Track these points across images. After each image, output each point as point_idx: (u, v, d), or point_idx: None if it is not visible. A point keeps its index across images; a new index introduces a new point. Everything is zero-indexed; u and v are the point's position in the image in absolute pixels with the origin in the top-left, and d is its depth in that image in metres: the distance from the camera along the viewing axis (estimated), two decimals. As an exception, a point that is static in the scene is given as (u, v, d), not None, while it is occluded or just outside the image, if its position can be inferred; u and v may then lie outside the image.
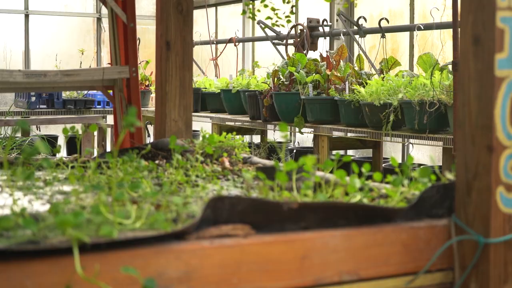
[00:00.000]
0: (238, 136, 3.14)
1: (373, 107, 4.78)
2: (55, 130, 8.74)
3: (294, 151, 6.27)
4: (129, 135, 3.18)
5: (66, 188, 2.12)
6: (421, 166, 4.81)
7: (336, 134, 5.34)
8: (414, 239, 1.64)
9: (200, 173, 2.53)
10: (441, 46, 5.46)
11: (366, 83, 5.18)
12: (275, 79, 5.84)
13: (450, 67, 4.78)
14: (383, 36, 5.49)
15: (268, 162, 2.85)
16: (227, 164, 2.74)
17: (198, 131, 9.05)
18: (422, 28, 5.29)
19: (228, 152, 3.04)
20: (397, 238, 1.62)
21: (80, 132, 2.46)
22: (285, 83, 5.77)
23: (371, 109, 4.83)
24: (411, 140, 4.68)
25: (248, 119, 6.24)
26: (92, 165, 2.17)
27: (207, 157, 2.81)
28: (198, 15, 8.67)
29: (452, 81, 3.88)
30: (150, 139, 7.85)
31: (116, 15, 3.10)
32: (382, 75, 5.22)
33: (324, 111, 5.40)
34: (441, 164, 5.65)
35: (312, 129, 5.52)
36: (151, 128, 8.65)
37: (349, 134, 5.26)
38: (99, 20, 8.82)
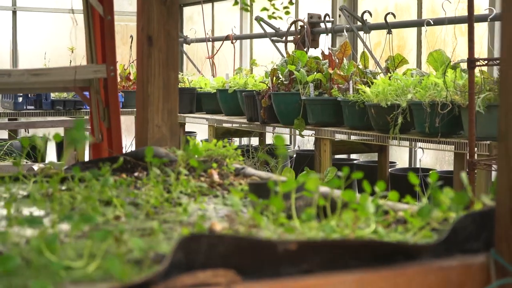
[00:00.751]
0: (235, 140, 2.78)
1: (380, 109, 4.43)
2: (46, 132, 8.37)
3: (294, 155, 5.91)
4: (106, 142, 2.83)
5: (25, 208, 1.77)
6: (431, 171, 4.47)
7: (339, 137, 4.98)
8: (445, 282, 1.29)
9: (184, 188, 2.17)
10: (452, 43, 5.10)
11: (372, 83, 4.82)
12: (274, 78, 5.49)
13: (462, 65, 4.42)
14: (389, 32, 5.13)
15: (264, 175, 2.50)
16: (215, 177, 2.39)
17: (195, 132, 8.69)
18: (432, 23, 4.93)
19: (218, 162, 2.68)
20: (423, 282, 1.27)
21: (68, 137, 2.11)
22: (285, 82, 5.42)
23: (377, 110, 4.47)
24: (421, 144, 4.32)
25: (245, 121, 5.88)
26: (53, 181, 1.82)
27: (193, 169, 2.45)
28: (194, 11, 8.31)
29: (468, 80, 3.52)
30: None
31: (92, 7, 2.75)
32: (389, 74, 4.86)
33: (326, 113, 5.04)
34: (451, 170, 5.29)
35: (314, 132, 5.17)
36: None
37: (352, 137, 4.90)
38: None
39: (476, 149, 3.74)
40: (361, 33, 5.67)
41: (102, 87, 2.85)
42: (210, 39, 7.61)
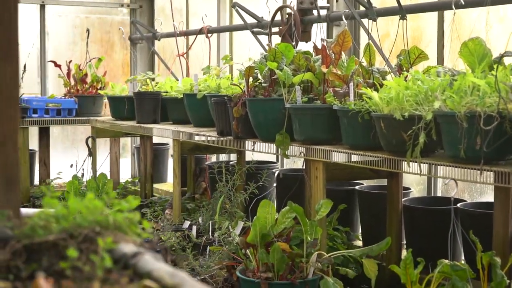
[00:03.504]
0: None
1: (392, 122, 3.12)
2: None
3: (280, 175, 4.57)
4: None
5: None
6: (459, 204, 3.10)
7: (336, 159, 3.66)
8: None
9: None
10: (487, 32, 3.80)
11: (381, 85, 3.51)
12: (250, 79, 4.17)
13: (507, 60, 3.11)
14: (403, 18, 3.81)
15: (168, 277, 1.18)
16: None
17: (167, 144, 7.38)
18: (463, 3, 3.60)
19: (86, 241, 1.37)
20: None
21: None
22: (264, 85, 4.10)
23: (388, 124, 3.16)
24: (453, 173, 2.99)
25: (216, 134, 4.57)
26: None
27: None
28: (166, 2, 6.99)
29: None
30: (89, 160, 6.16)
31: None
32: (403, 73, 3.54)
33: (318, 126, 3.73)
34: (487, 201, 3.97)
35: (302, 151, 3.85)
36: (101, 146, 6.96)
37: (354, 158, 3.58)
38: (42, 7, 7.14)
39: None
40: (364, 21, 4.35)
41: None
42: (179, 33, 6.28)
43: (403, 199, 4.11)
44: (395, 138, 3.17)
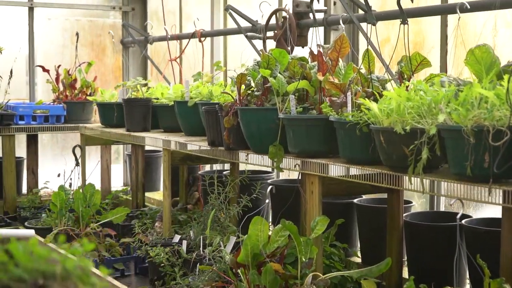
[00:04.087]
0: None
1: (393, 136, 2.88)
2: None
3: (273, 190, 4.32)
4: None
5: None
6: (464, 220, 2.88)
7: (333, 173, 3.42)
8: None
9: None
10: (493, 37, 3.57)
11: (380, 94, 3.28)
12: (242, 87, 3.94)
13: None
14: (404, 22, 3.57)
15: None
16: None
17: (161, 152, 7.11)
18: (469, 7, 3.37)
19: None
20: None
21: None
22: (256, 93, 3.87)
23: (389, 138, 2.93)
24: (459, 190, 2.76)
25: (207, 144, 4.34)
26: None
27: None
28: (160, 5, 6.75)
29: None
30: (78, 169, 5.92)
31: None
32: (405, 82, 3.31)
33: (313, 138, 3.49)
34: (494, 217, 3.74)
35: (298, 163, 3.61)
36: (92, 153, 6.73)
37: (352, 172, 3.35)
38: (31, 10, 6.90)
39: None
40: (363, 25, 4.13)
41: None
42: (171, 37, 6.05)
43: (404, 214, 3.88)
44: (396, 153, 2.94)
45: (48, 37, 7.10)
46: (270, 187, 3.83)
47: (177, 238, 4.59)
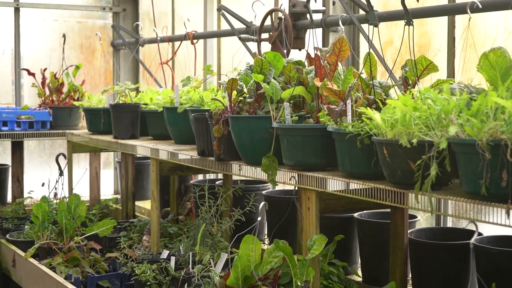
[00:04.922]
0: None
1: (398, 149, 2.59)
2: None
3: (266, 207, 4.00)
4: None
5: None
6: (474, 238, 2.64)
7: (331, 188, 3.13)
8: None
9: None
10: (505, 40, 3.27)
11: (383, 102, 2.99)
12: (234, 93, 3.65)
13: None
14: (409, 23, 3.28)
15: None
16: None
17: (147, 160, 6.81)
18: (480, 6, 3.07)
19: None
20: None
21: None
22: (248, 100, 3.57)
23: (393, 151, 2.64)
24: (473, 211, 2.47)
25: (196, 154, 4.04)
26: None
27: None
28: (151, 4, 6.46)
29: None
30: (62, 179, 5.62)
31: None
32: (411, 90, 3.02)
33: (310, 149, 3.20)
34: (506, 234, 3.44)
35: (293, 176, 3.32)
36: (82, 159, 6.44)
37: (353, 186, 3.06)
38: (17, 10, 6.61)
39: None
40: (365, 26, 3.84)
41: None
42: (163, 39, 5.77)
43: (408, 231, 3.59)
44: (401, 168, 2.65)
45: (35, 39, 6.81)
46: (262, 203, 3.53)
47: (165, 253, 4.30)
